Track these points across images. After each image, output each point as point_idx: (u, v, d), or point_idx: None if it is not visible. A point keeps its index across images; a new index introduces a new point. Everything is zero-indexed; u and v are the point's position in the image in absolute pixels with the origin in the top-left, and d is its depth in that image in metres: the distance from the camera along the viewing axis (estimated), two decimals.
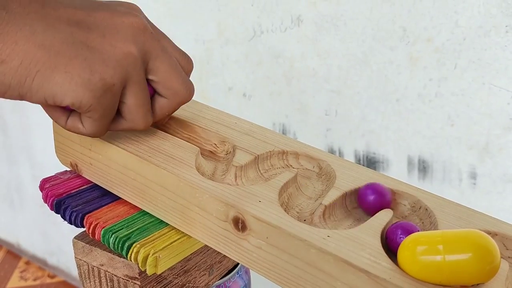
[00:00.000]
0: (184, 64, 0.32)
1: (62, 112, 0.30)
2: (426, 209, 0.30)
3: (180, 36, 0.75)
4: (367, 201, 0.30)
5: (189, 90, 0.32)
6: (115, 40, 0.28)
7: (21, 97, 0.27)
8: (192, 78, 0.34)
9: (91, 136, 0.30)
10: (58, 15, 0.27)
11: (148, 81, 0.30)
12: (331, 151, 0.64)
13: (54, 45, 0.26)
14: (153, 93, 0.31)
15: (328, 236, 0.26)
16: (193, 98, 0.41)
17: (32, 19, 0.26)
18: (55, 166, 0.42)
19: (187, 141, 0.35)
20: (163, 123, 0.37)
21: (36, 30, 0.26)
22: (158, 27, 0.32)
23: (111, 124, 0.31)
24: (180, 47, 0.33)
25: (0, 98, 0.27)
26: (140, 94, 0.30)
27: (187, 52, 0.33)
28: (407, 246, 0.24)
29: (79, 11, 0.28)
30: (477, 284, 0.24)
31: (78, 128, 0.30)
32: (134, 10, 0.31)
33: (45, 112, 0.31)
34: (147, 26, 0.30)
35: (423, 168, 0.58)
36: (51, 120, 0.37)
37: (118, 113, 0.30)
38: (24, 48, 0.26)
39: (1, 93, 0.26)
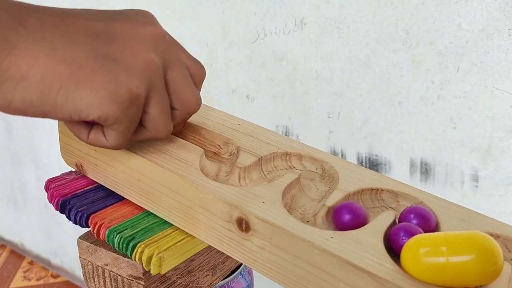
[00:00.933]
0: (197, 72, 0.32)
1: (84, 126, 0.30)
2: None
3: (184, 38, 0.75)
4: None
5: (199, 101, 0.32)
6: (137, 50, 0.28)
7: (44, 115, 0.26)
8: None
9: (114, 149, 0.30)
10: (77, 28, 0.27)
11: None
12: (334, 153, 0.65)
13: (76, 59, 0.26)
14: None
15: (331, 237, 0.26)
16: None
17: (51, 34, 0.26)
18: (59, 167, 0.43)
19: (191, 143, 0.36)
20: (175, 131, 0.37)
21: (56, 45, 0.25)
22: None
23: (132, 134, 0.30)
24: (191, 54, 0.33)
25: (22, 115, 0.26)
26: (162, 103, 0.29)
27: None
28: (410, 248, 0.24)
29: (98, 22, 0.28)
30: (480, 286, 0.24)
31: (100, 141, 0.29)
32: (151, 18, 0.30)
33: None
34: (165, 35, 0.30)
35: (425, 170, 0.58)
36: (55, 121, 0.37)
37: (139, 123, 0.30)
38: (45, 64, 0.25)
39: (23, 110, 0.26)
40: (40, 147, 1.18)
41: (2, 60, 0.24)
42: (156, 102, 0.29)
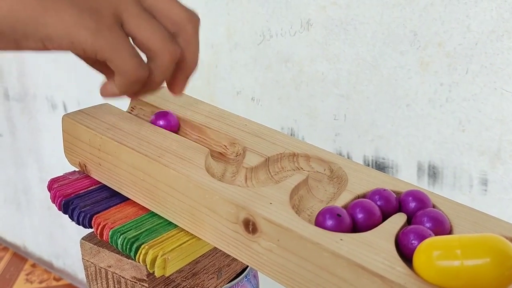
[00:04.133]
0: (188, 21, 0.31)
1: (107, 67, 0.30)
2: None
3: None
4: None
5: (192, 13, 0.31)
6: None
7: (17, 44, 0.28)
8: (200, 81, 0.33)
9: (138, 75, 0.29)
10: None
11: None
12: None
13: None
14: None
15: (341, 239, 0.26)
16: (202, 100, 0.41)
17: None
18: (62, 169, 0.42)
19: (197, 143, 0.35)
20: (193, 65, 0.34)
21: None
22: None
23: (152, 74, 0.30)
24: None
25: None
26: (145, 22, 0.29)
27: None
28: (423, 251, 0.23)
29: None
30: None
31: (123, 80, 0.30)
32: None
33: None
34: None
35: (433, 174, 0.57)
36: (59, 122, 0.36)
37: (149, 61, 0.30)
38: None
39: None
40: (43, 149, 1.18)
41: None
42: (136, 24, 0.29)
